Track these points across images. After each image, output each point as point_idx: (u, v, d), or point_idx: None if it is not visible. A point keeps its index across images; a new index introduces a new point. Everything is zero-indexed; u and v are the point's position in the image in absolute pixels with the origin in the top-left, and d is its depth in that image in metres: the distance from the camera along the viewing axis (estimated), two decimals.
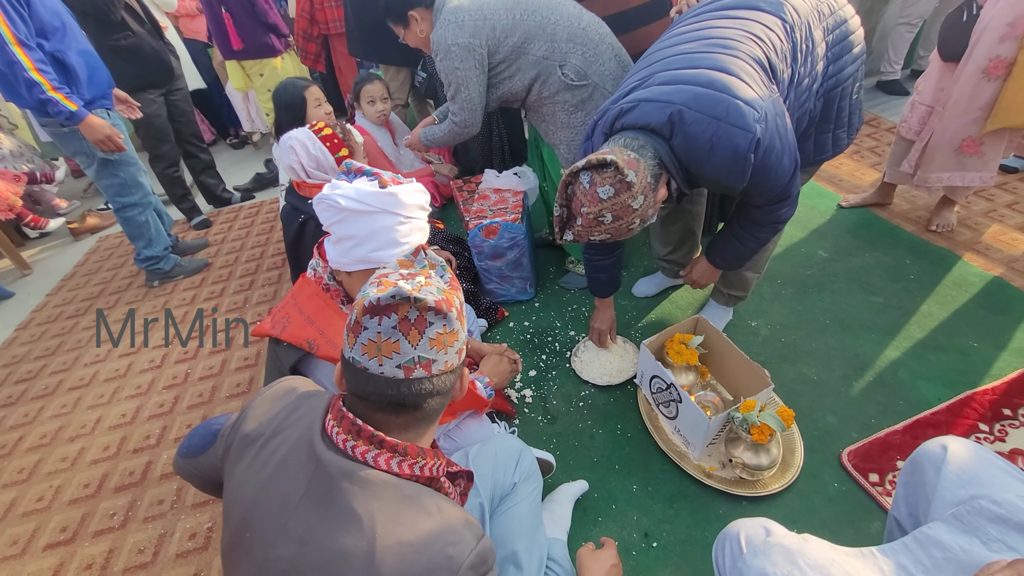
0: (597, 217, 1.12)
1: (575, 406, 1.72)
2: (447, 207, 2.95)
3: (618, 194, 1.09)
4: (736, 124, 1.09)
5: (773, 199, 1.29)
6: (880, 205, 2.37)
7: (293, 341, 1.09)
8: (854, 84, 1.35)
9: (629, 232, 1.18)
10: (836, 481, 1.39)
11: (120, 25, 2.56)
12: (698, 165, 1.17)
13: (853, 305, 1.90)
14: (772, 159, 1.16)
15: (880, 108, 3.27)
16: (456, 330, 0.69)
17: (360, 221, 1.04)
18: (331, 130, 1.52)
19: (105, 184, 2.45)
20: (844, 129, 1.42)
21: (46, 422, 2.08)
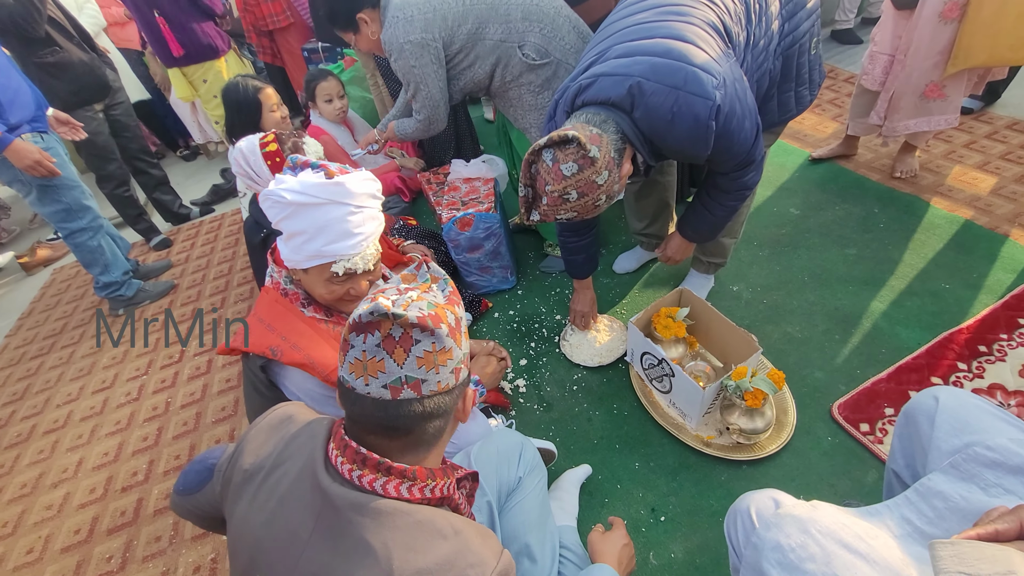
0: (562, 195, 1.11)
1: (569, 390, 1.72)
2: (417, 201, 2.89)
3: (582, 170, 1.08)
4: (695, 92, 1.08)
5: (738, 165, 1.29)
6: (846, 156, 2.40)
7: (256, 350, 1.04)
8: (811, 40, 1.35)
9: (596, 209, 1.16)
10: (829, 435, 1.43)
11: (45, 41, 2.39)
12: (661, 136, 1.16)
13: (829, 259, 1.94)
14: (733, 124, 1.15)
15: (836, 59, 3.30)
16: (448, 348, 0.65)
17: (309, 214, 0.98)
18: (276, 146, 1.45)
19: (49, 212, 2.31)
20: (806, 86, 1.42)
21: (24, 470, 1.99)
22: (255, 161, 1.49)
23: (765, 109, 1.40)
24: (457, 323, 0.69)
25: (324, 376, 1.03)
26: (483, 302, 2.11)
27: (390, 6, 1.70)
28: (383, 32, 1.70)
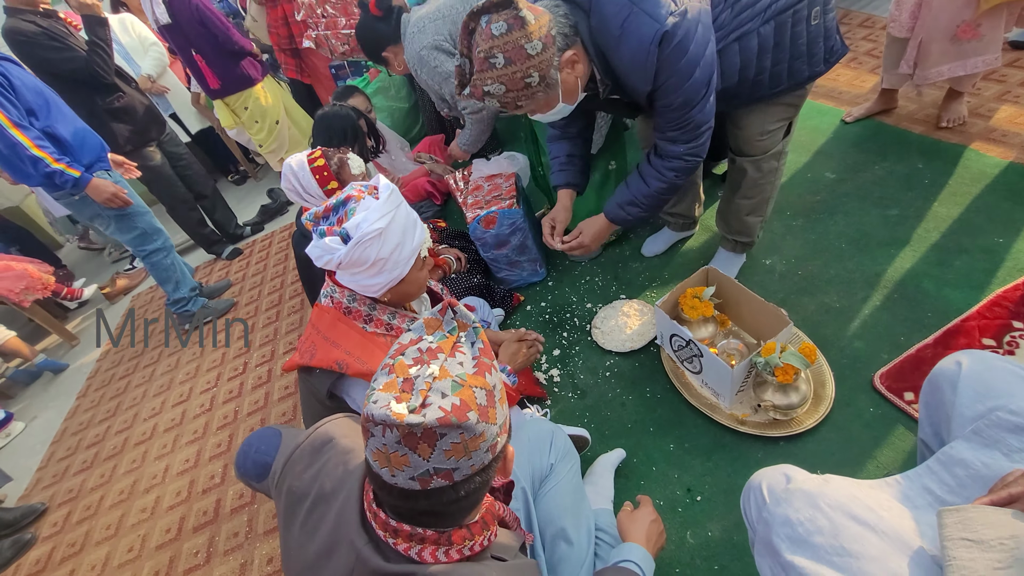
0: (488, 57, 1.09)
1: (602, 377, 1.74)
2: (448, 204, 2.97)
3: (511, 30, 1.06)
4: (647, 11, 1.09)
5: (675, 121, 1.25)
6: (885, 112, 2.26)
7: (323, 365, 1.14)
8: (811, 8, 1.27)
9: (525, 88, 1.12)
10: (871, 406, 1.38)
11: (112, 87, 2.67)
12: (611, 51, 1.17)
13: (868, 223, 1.85)
14: (681, 63, 1.13)
15: (873, 6, 3.08)
16: (480, 433, 0.59)
17: (393, 227, 1.09)
18: (323, 161, 1.55)
19: (128, 238, 2.59)
20: (803, 59, 1.33)
21: (121, 479, 2.24)
22: (304, 175, 1.60)
23: (755, 78, 1.34)
24: (490, 396, 0.61)
25: None
26: (515, 296, 2.16)
27: (407, 30, 1.84)
28: (406, 52, 1.84)
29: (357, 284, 1.16)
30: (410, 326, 1.23)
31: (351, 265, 1.11)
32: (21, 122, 2.08)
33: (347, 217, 1.10)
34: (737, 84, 1.34)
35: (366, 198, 1.11)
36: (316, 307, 1.24)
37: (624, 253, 2.17)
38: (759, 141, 1.54)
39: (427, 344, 0.64)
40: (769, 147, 1.55)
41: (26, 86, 2.15)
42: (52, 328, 3.35)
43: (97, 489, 2.24)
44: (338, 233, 1.09)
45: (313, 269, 1.91)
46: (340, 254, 1.07)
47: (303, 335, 1.23)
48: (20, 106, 2.10)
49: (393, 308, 1.22)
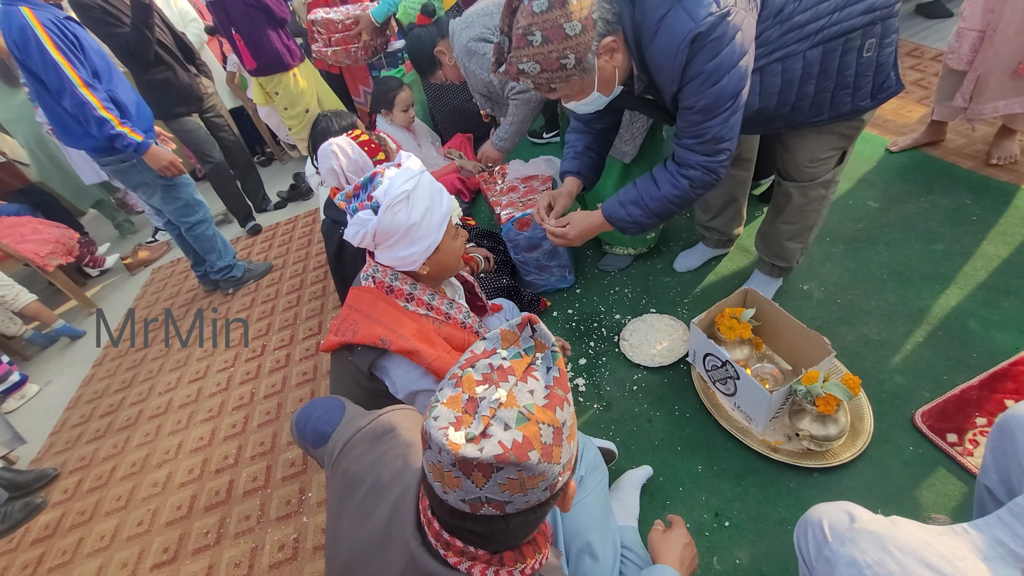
0: (526, 33, 1.08)
1: (629, 390, 1.72)
2: (476, 201, 2.95)
3: (551, 8, 1.05)
4: (687, 9, 1.07)
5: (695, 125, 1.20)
6: (932, 144, 2.22)
7: (367, 342, 1.13)
8: (865, 39, 1.22)
9: (560, 69, 1.11)
10: (911, 444, 1.35)
11: (155, 61, 2.73)
12: (646, 46, 1.14)
13: (911, 256, 1.81)
14: (709, 64, 1.10)
15: (923, 35, 3.04)
16: (540, 473, 0.55)
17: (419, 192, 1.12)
18: (368, 136, 1.56)
19: (171, 208, 2.62)
20: (848, 90, 1.29)
21: (134, 451, 2.24)
22: (353, 149, 1.60)
23: (794, 103, 1.30)
24: (557, 434, 0.56)
25: (428, 364, 1.11)
26: (542, 301, 2.13)
27: (454, 30, 1.89)
28: (455, 48, 1.85)
29: (396, 258, 1.16)
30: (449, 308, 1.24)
31: (385, 235, 1.11)
32: (91, 82, 2.09)
33: (375, 190, 1.11)
34: (775, 107, 1.31)
35: (389, 169, 1.12)
36: (354, 289, 1.24)
37: (656, 266, 2.14)
38: (808, 168, 1.50)
39: (499, 360, 0.60)
40: (818, 175, 1.51)
41: (92, 48, 2.17)
42: (72, 294, 3.36)
43: (109, 459, 2.24)
44: (369, 206, 1.10)
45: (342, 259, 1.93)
46: (373, 223, 1.09)
47: (339, 317, 1.22)
48: (88, 67, 2.11)
49: (432, 289, 1.23)
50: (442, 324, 1.23)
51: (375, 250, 1.17)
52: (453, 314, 1.27)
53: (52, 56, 1.99)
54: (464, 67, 1.93)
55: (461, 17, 1.91)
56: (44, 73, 2.03)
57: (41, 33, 1.97)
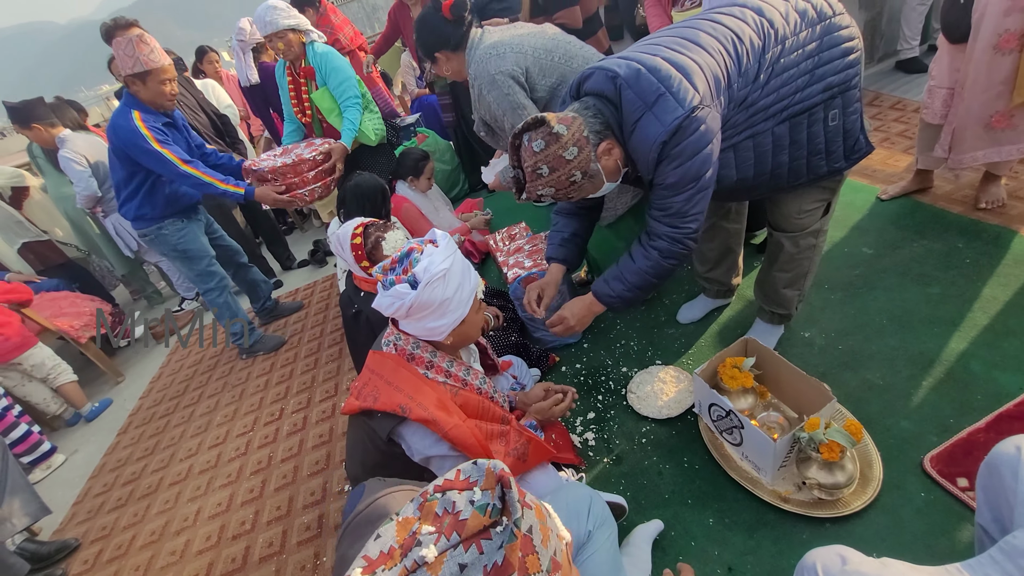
0: (535, 169, 1.27)
1: (638, 443, 1.73)
2: (485, 262, 3.08)
3: (548, 146, 1.24)
4: (657, 116, 1.21)
5: (662, 198, 1.33)
6: (921, 191, 2.31)
7: (387, 409, 1.20)
8: (827, 111, 1.34)
9: (572, 185, 1.30)
10: (922, 490, 1.34)
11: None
12: (626, 139, 1.30)
13: (909, 300, 1.85)
14: (674, 149, 1.23)
15: (903, 89, 3.20)
16: None
17: (454, 270, 1.21)
18: (360, 240, 1.70)
19: (191, 275, 2.87)
20: (821, 155, 1.39)
21: (154, 519, 2.27)
22: (345, 245, 1.75)
23: (772, 171, 1.41)
24: None
25: (444, 433, 1.18)
26: (551, 357, 2.19)
27: (481, 45, 1.93)
28: (474, 66, 1.93)
29: (423, 329, 1.24)
30: (466, 375, 1.30)
31: (419, 309, 1.19)
32: (186, 158, 2.45)
33: (412, 267, 1.20)
34: (754, 176, 1.42)
35: (427, 248, 1.21)
36: (376, 353, 1.31)
37: (660, 318, 2.20)
38: (796, 219, 1.59)
39: (465, 503, 0.57)
40: (807, 225, 1.60)
41: (178, 141, 2.54)
42: (102, 364, 3.51)
43: (129, 528, 2.27)
44: (406, 280, 1.19)
45: (355, 332, 2.02)
46: (410, 298, 1.17)
47: (360, 380, 1.30)
48: (180, 152, 2.47)
49: (451, 356, 1.30)
50: (459, 391, 1.29)
51: (404, 320, 1.25)
52: (470, 381, 1.34)
53: (153, 147, 2.37)
54: (479, 91, 1.96)
55: (494, 43, 1.90)
56: (150, 162, 2.41)
57: (144, 130, 2.35)
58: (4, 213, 3.60)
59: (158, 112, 2.42)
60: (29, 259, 3.70)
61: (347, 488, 2.01)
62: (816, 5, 1.32)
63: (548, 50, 1.92)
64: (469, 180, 4.00)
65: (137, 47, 2.25)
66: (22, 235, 3.64)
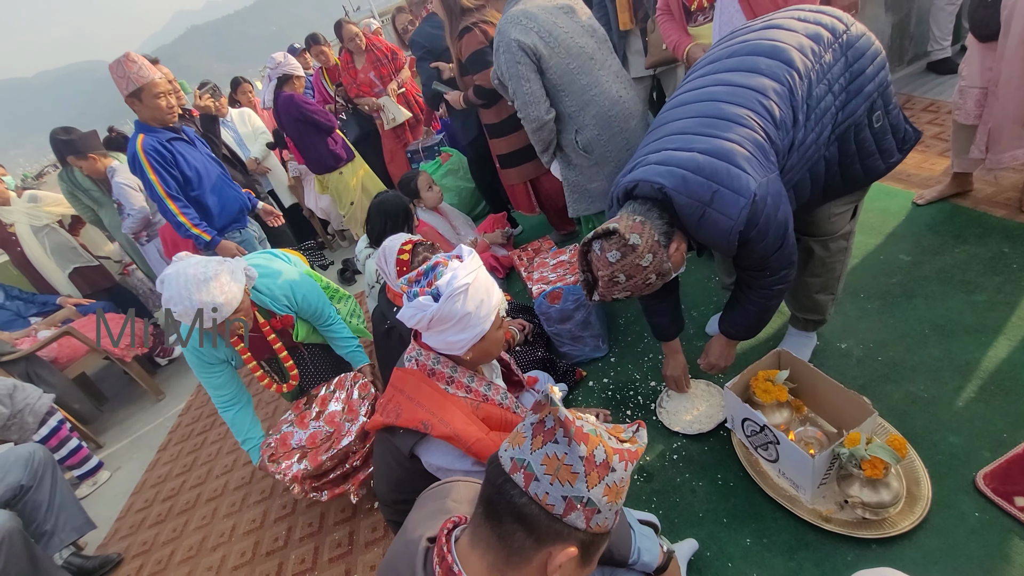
0: (611, 278, 1.26)
1: (669, 460, 1.69)
2: (510, 277, 3.09)
3: (624, 256, 1.23)
4: (720, 210, 1.19)
5: (759, 268, 1.35)
6: (960, 195, 2.22)
7: (409, 425, 1.21)
8: (870, 114, 1.32)
9: (647, 287, 1.28)
10: (976, 510, 1.26)
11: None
12: (692, 232, 1.29)
13: (952, 308, 1.77)
14: (753, 235, 1.23)
15: (936, 91, 3.11)
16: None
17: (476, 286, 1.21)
18: (408, 256, 1.73)
19: None
20: (875, 156, 1.37)
21: (192, 534, 2.33)
22: (390, 259, 1.79)
23: (826, 185, 1.41)
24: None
25: (467, 447, 1.18)
26: (577, 371, 2.17)
27: (514, 7, 2.02)
28: (500, 22, 2.02)
29: (444, 342, 1.24)
30: (487, 390, 1.31)
31: (441, 321, 1.20)
32: (173, 194, 2.46)
33: (436, 280, 1.22)
34: (810, 197, 1.42)
35: (452, 262, 1.23)
36: (398, 370, 1.33)
37: (688, 331, 2.15)
38: (828, 223, 1.56)
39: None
40: (838, 228, 1.57)
41: (187, 163, 2.53)
42: (144, 382, 3.64)
43: (169, 543, 2.33)
44: (430, 293, 1.21)
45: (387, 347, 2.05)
46: (432, 309, 1.19)
47: (384, 396, 1.31)
48: (176, 181, 2.48)
49: (472, 372, 1.30)
50: (480, 405, 1.29)
51: (425, 332, 1.27)
52: (491, 396, 1.34)
53: (148, 175, 2.41)
54: (496, 46, 2.05)
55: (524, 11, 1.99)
56: (146, 188, 2.46)
57: (142, 157, 2.38)
58: (62, 239, 3.82)
59: (162, 129, 2.47)
60: (78, 283, 3.89)
61: (376, 505, 2.02)
62: (827, 25, 1.29)
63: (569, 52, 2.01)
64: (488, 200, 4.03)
65: (126, 66, 2.30)
66: (74, 260, 3.84)
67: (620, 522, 1.20)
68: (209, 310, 1.64)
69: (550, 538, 0.70)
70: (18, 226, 3.66)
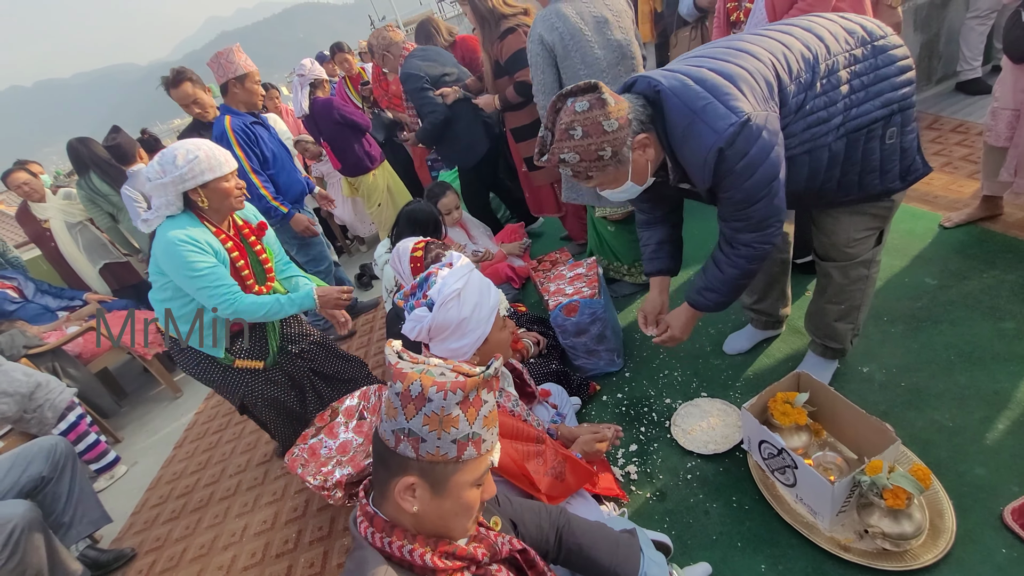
0: (568, 129, 1.22)
1: (683, 479, 1.67)
2: (526, 287, 3.09)
3: (592, 109, 1.20)
4: (708, 122, 1.18)
5: (736, 212, 1.30)
6: (989, 219, 2.17)
7: None
8: (886, 128, 1.30)
9: (597, 159, 1.24)
10: (1003, 546, 1.22)
11: None
12: (677, 146, 1.27)
13: (980, 335, 1.72)
14: (739, 165, 1.20)
15: (966, 111, 3.06)
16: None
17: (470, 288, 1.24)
18: (420, 253, 1.74)
19: (305, 260, 3.18)
20: (875, 174, 1.35)
21: (204, 532, 2.35)
22: (404, 258, 1.81)
23: (821, 185, 1.37)
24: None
25: None
26: (591, 385, 2.16)
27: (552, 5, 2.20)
28: (539, 13, 2.24)
29: (448, 350, 1.26)
30: (498, 397, 1.31)
31: (439, 329, 1.22)
32: (257, 169, 2.76)
33: (429, 290, 1.23)
34: (804, 190, 1.38)
35: (442, 270, 1.24)
36: None
37: (705, 349, 2.14)
38: (846, 248, 1.53)
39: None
40: (857, 254, 1.53)
41: (266, 144, 2.80)
42: (163, 379, 3.71)
43: (181, 540, 2.35)
44: (425, 304, 1.22)
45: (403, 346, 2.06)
46: (428, 319, 1.20)
47: None
48: (258, 158, 2.78)
49: None
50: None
51: (429, 343, 1.29)
52: (502, 403, 1.34)
53: (235, 151, 2.64)
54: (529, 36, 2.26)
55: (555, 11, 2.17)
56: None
57: (230, 135, 2.65)
58: (93, 236, 3.94)
59: (246, 113, 2.73)
60: (107, 279, 4.00)
61: None
62: (865, 27, 1.31)
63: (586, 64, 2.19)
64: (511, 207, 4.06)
65: (235, 55, 2.60)
66: (105, 257, 3.95)
67: (628, 543, 1.19)
68: None
69: (394, 470, 0.81)
70: (53, 222, 3.78)
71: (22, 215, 3.84)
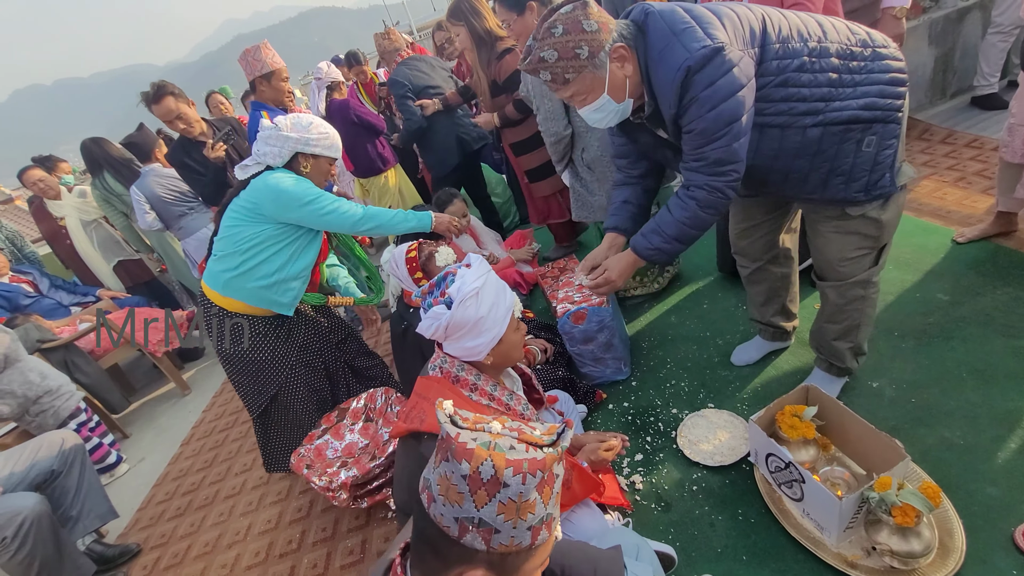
0: (550, 28, 1.26)
1: (689, 490, 1.66)
2: (534, 294, 3.10)
3: (574, 10, 1.25)
4: (683, 43, 1.20)
5: (695, 147, 1.28)
6: (1004, 235, 2.15)
7: (434, 430, 1.22)
8: (865, 134, 1.30)
9: (575, 58, 1.25)
10: (1014, 567, 1.20)
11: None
12: (652, 70, 1.28)
13: (992, 352, 1.71)
14: (703, 92, 1.20)
15: (981, 127, 3.04)
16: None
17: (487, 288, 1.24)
18: (415, 254, 1.77)
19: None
20: (842, 178, 1.35)
21: (208, 530, 2.36)
22: (400, 262, 1.84)
23: (785, 171, 1.37)
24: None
25: None
26: (597, 393, 2.15)
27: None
28: None
29: (463, 349, 1.26)
30: (509, 399, 1.31)
31: (457, 327, 1.22)
32: None
33: (448, 288, 1.24)
34: (766, 170, 1.37)
35: (461, 269, 1.26)
36: (423, 378, 1.35)
37: (712, 359, 2.13)
38: (839, 267, 1.53)
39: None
40: (851, 274, 1.52)
41: None
42: (171, 376, 3.75)
43: (186, 537, 2.37)
44: (443, 302, 1.23)
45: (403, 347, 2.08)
46: (446, 317, 1.21)
47: (408, 404, 1.33)
48: None
49: (495, 380, 1.32)
50: (501, 414, 1.30)
51: (445, 342, 1.29)
52: (513, 405, 1.35)
53: None
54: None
55: None
56: None
57: None
58: (107, 233, 4.00)
59: (278, 108, 2.72)
60: (121, 275, 4.05)
61: (390, 515, 2.02)
62: (871, 33, 1.33)
63: None
64: (520, 212, 4.08)
65: (264, 52, 2.59)
66: (119, 254, 4.01)
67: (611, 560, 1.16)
68: None
69: (454, 560, 0.68)
70: (68, 220, 3.84)
71: (38, 212, 3.91)
